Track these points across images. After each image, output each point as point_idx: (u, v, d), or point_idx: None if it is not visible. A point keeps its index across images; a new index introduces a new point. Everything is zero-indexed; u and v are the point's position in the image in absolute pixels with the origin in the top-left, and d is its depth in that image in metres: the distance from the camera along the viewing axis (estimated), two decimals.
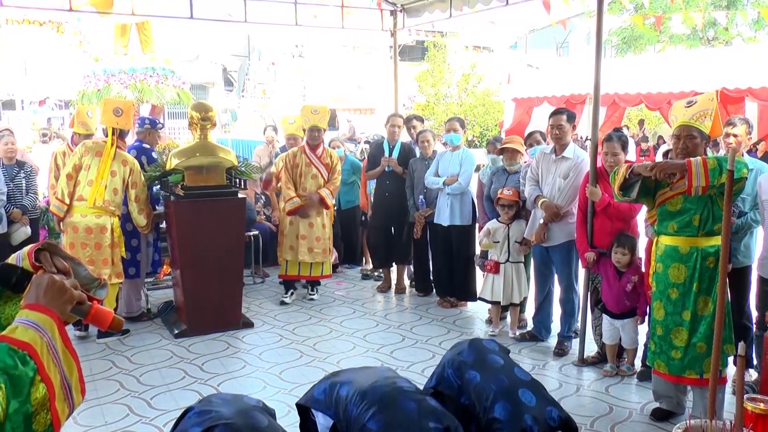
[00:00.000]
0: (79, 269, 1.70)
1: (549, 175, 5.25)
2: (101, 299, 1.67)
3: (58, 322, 1.42)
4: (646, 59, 15.69)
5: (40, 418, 1.32)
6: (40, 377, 1.32)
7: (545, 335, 5.58)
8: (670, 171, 3.62)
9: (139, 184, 5.71)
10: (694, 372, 3.77)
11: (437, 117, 23.39)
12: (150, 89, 10.02)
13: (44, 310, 1.40)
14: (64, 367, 1.40)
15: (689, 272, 3.74)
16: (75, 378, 1.43)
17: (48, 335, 1.38)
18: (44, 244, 1.65)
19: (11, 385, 1.25)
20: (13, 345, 1.31)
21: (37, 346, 1.33)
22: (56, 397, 1.35)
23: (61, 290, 1.46)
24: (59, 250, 1.66)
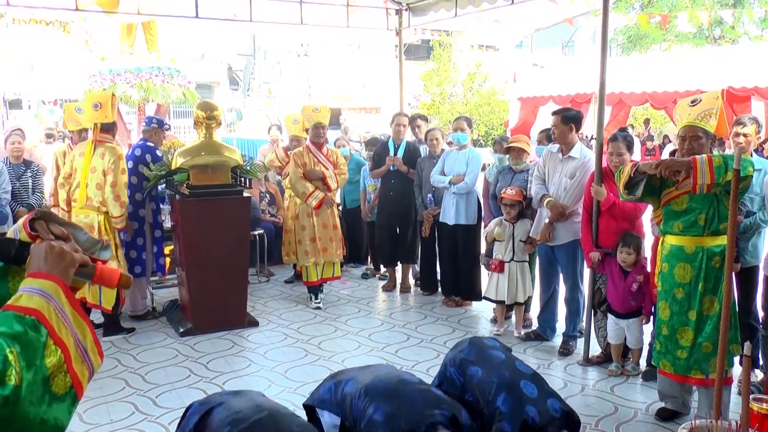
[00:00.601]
0: (78, 234, 1.68)
1: (555, 175, 5.24)
2: (106, 260, 1.66)
3: (63, 286, 1.41)
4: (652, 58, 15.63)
5: (59, 380, 1.32)
6: (53, 341, 1.32)
7: (550, 335, 5.57)
8: (675, 168, 3.60)
9: (116, 170, 5.54)
10: (699, 372, 3.76)
11: (442, 116, 23.38)
12: (155, 88, 10.05)
13: (47, 276, 1.40)
14: (76, 330, 1.39)
15: (695, 272, 3.73)
16: (90, 340, 1.43)
17: (54, 300, 1.37)
18: (38, 212, 1.63)
19: (23, 350, 1.25)
20: (19, 312, 1.30)
21: (44, 311, 1.33)
22: (72, 360, 1.35)
23: (60, 255, 1.45)
24: (55, 217, 1.65)
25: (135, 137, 10.33)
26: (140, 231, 6.04)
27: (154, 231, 6.20)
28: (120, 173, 5.55)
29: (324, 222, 6.56)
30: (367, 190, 7.55)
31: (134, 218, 5.98)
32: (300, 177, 6.43)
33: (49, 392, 1.29)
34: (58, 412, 1.31)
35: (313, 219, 6.51)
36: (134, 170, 6.00)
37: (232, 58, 31.06)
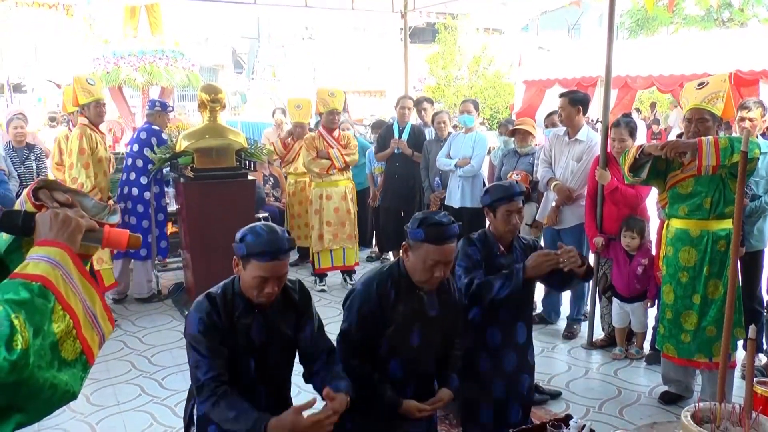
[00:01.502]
0: (84, 200, 1.69)
1: (562, 158, 5.23)
2: (114, 224, 1.66)
3: (70, 252, 1.41)
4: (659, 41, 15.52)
5: (67, 345, 1.32)
6: (61, 306, 1.33)
7: (554, 318, 5.58)
8: (681, 150, 3.58)
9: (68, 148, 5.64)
10: (703, 355, 3.76)
11: (447, 99, 23.27)
12: (159, 72, 10.01)
13: (53, 243, 1.40)
14: (85, 297, 1.40)
15: (700, 256, 3.72)
16: (99, 306, 1.43)
17: (62, 266, 1.37)
18: (41, 181, 1.63)
19: (30, 316, 1.26)
20: (25, 279, 1.31)
21: (50, 277, 1.33)
22: (82, 325, 1.36)
23: (65, 222, 1.45)
24: (58, 185, 1.65)
25: (139, 120, 10.31)
26: (145, 214, 6.05)
27: (157, 214, 6.21)
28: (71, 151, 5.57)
29: (336, 206, 6.55)
30: (374, 173, 7.53)
31: (139, 201, 5.99)
32: (313, 159, 6.44)
33: (59, 358, 1.30)
34: (68, 377, 1.32)
35: (324, 202, 6.51)
36: (139, 153, 6.00)
37: (236, 41, 30.98)
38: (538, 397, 4.09)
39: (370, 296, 2.76)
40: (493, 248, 3.33)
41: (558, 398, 4.17)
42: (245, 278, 2.44)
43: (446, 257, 2.70)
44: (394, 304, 2.76)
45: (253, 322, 2.50)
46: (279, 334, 2.57)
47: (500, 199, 3.26)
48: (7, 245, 1.56)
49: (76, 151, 5.51)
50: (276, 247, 2.39)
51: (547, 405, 4.07)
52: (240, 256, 2.43)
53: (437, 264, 2.68)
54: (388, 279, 2.80)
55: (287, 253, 2.44)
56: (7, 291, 1.28)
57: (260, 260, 2.37)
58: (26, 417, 1.28)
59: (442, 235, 2.68)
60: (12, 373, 1.19)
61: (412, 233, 2.72)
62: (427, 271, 2.70)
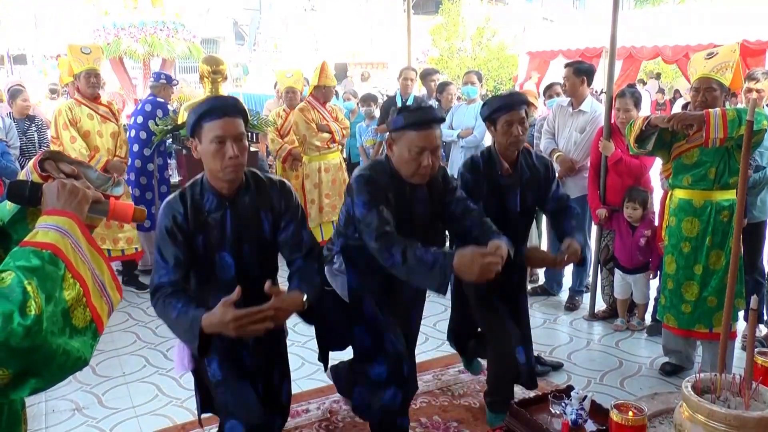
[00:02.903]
0: (88, 172, 1.71)
1: (565, 129, 5.20)
2: (119, 196, 1.68)
3: (78, 222, 1.44)
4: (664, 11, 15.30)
5: (78, 313, 1.34)
6: (71, 274, 1.34)
7: (557, 290, 5.60)
8: (688, 122, 3.55)
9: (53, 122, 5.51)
10: (703, 326, 3.77)
11: (450, 71, 23.08)
12: (160, 43, 9.95)
13: (61, 213, 1.42)
14: (93, 265, 1.42)
15: (702, 226, 3.71)
16: (107, 276, 1.45)
17: (70, 235, 1.39)
18: (46, 152, 1.65)
19: (41, 282, 1.28)
20: (35, 247, 1.33)
21: (60, 245, 1.35)
22: (91, 294, 1.38)
23: (72, 192, 1.47)
24: (64, 156, 1.67)
25: (140, 92, 10.26)
26: (149, 185, 6.04)
27: (160, 186, 6.20)
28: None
29: (333, 178, 6.54)
30: (365, 146, 7.45)
31: (143, 173, 5.98)
32: (315, 132, 6.37)
33: (70, 325, 1.32)
34: (79, 344, 1.34)
35: (323, 175, 6.49)
36: (143, 125, 5.97)
37: (238, 12, 30.68)
38: (539, 368, 4.11)
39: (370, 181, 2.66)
40: (496, 167, 3.21)
41: (559, 370, 4.20)
42: (205, 150, 2.35)
43: (431, 143, 2.60)
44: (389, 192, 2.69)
45: (225, 216, 2.44)
46: (255, 229, 2.50)
47: (499, 109, 3.12)
48: (11, 215, 1.58)
49: (60, 127, 5.38)
50: (224, 103, 2.38)
51: (548, 376, 4.10)
52: (192, 130, 2.38)
53: (422, 151, 2.59)
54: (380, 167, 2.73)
55: (238, 113, 2.38)
56: (18, 258, 1.30)
57: (211, 119, 2.32)
58: (41, 382, 1.30)
59: (424, 119, 2.60)
60: (26, 338, 1.21)
61: (393, 122, 2.63)
62: (413, 160, 2.61)
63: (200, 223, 2.42)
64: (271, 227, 2.54)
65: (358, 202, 2.65)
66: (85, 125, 5.43)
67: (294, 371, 4.11)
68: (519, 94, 3.21)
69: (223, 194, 2.44)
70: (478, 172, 3.21)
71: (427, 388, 3.92)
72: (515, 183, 3.24)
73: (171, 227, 2.39)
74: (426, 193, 2.81)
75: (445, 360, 4.31)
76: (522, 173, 3.27)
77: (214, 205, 2.44)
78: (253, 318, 2.18)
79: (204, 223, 2.42)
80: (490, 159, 3.24)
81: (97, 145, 5.46)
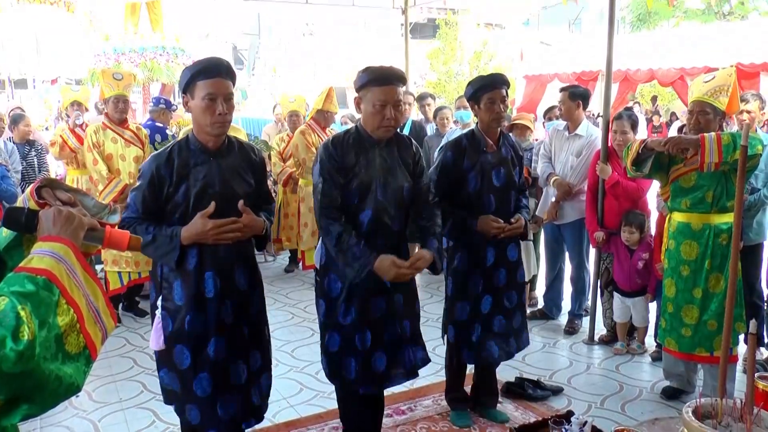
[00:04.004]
0: (85, 199, 1.73)
1: (562, 153, 5.22)
2: (114, 224, 1.69)
3: (74, 249, 1.44)
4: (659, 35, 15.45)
5: (72, 339, 1.34)
6: (65, 300, 1.35)
7: (556, 313, 5.58)
8: (684, 146, 3.57)
9: None
10: (704, 349, 3.76)
11: (448, 95, 23.23)
12: (160, 68, 10.01)
13: (57, 239, 1.43)
14: (88, 292, 1.42)
15: (701, 249, 3.71)
16: (102, 302, 1.45)
17: (65, 261, 1.40)
18: (44, 180, 1.67)
19: (35, 308, 1.28)
20: (30, 273, 1.33)
21: (55, 271, 1.36)
22: (85, 320, 1.38)
23: (68, 218, 1.48)
24: (61, 184, 1.69)
25: (140, 116, 10.31)
26: None
27: None
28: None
29: None
30: None
31: None
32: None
33: (63, 350, 1.32)
34: (72, 370, 1.34)
35: None
36: None
37: (237, 37, 30.91)
38: (539, 393, 4.09)
39: (328, 153, 2.91)
40: (481, 145, 3.48)
41: (559, 394, 4.17)
42: (196, 105, 2.59)
43: (392, 97, 2.86)
44: (356, 157, 2.92)
45: (210, 168, 2.67)
46: (238, 180, 2.75)
47: (482, 87, 3.43)
48: (7, 242, 1.58)
49: (85, 149, 5.55)
50: (217, 64, 2.61)
51: (548, 401, 4.07)
52: (185, 86, 2.60)
53: (385, 105, 2.85)
54: (344, 136, 2.97)
55: (229, 75, 2.63)
56: (13, 284, 1.30)
57: (205, 78, 2.55)
58: (34, 408, 1.30)
59: (384, 75, 2.88)
60: (18, 364, 1.21)
61: (358, 80, 2.91)
62: (377, 114, 2.87)
63: (185, 174, 2.64)
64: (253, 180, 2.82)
65: (315, 172, 2.95)
66: (108, 148, 5.52)
67: (292, 396, 4.10)
68: (500, 75, 3.53)
69: (208, 148, 2.68)
70: (461, 149, 3.48)
71: (426, 413, 3.88)
72: (498, 160, 3.51)
73: (152, 175, 2.61)
74: (396, 160, 3.03)
75: (444, 385, 4.27)
76: (505, 150, 3.56)
77: (200, 158, 2.67)
78: (228, 227, 2.60)
79: (188, 174, 2.64)
80: (474, 138, 3.51)
81: (119, 168, 5.53)
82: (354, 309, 2.98)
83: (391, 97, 2.85)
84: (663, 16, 25.94)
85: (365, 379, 3.02)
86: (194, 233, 2.57)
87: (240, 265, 2.77)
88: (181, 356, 2.69)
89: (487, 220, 3.44)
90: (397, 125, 2.96)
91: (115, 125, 5.56)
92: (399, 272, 2.86)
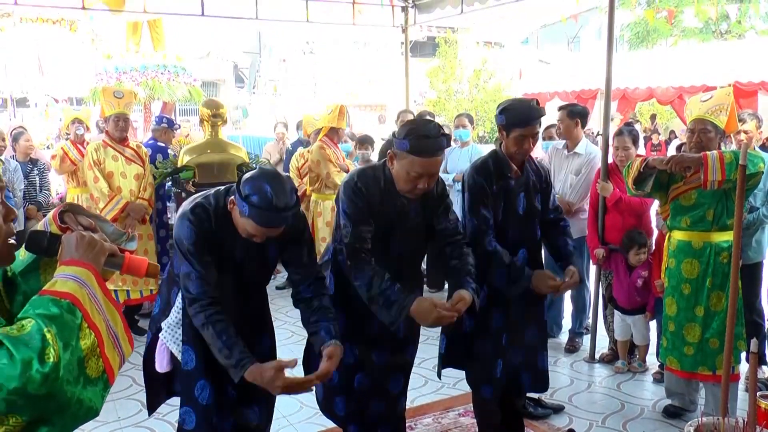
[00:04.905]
0: (105, 226, 1.76)
1: (561, 171, 5.23)
2: (133, 251, 1.71)
3: (95, 273, 1.46)
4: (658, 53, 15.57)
5: (92, 363, 1.36)
6: (87, 324, 1.36)
7: (556, 332, 5.56)
8: (686, 164, 3.57)
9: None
10: (706, 368, 3.74)
11: (448, 113, 23.34)
12: (161, 86, 10.08)
13: (80, 264, 1.45)
14: (108, 317, 1.44)
15: (702, 267, 3.71)
16: (120, 328, 1.47)
17: (88, 286, 1.42)
18: (66, 205, 1.71)
19: (60, 330, 1.30)
20: (54, 296, 1.35)
21: (78, 295, 1.38)
22: (105, 345, 1.40)
23: (91, 243, 1.51)
24: (82, 210, 1.73)
25: (141, 135, 10.36)
26: (162, 222, 6.08)
27: (159, 230, 6.21)
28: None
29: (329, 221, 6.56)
30: None
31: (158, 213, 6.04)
32: (338, 171, 6.38)
33: (84, 374, 1.33)
34: (91, 394, 1.35)
35: (332, 213, 6.50)
36: None
37: (237, 55, 31.12)
38: (540, 411, 4.07)
39: (358, 191, 2.73)
40: (504, 170, 3.23)
41: (561, 412, 4.15)
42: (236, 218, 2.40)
43: (431, 170, 2.67)
44: (380, 201, 2.75)
45: (236, 242, 2.50)
46: (261, 255, 2.60)
47: (516, 123, 3.12)
48: (25, 266, 1.61)
49: (86, 167, 5.56)
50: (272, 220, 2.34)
51: (549, 419, 4.05)
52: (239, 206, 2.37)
53: (421, 177, 2.65)
54: (370, 177, 2.77)
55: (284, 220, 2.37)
56: (38, 306, 1.33)
57: (255, 222, 2.33)
58: (53, 431, 1.31)
59: (428, 149, 2.62)
60: (44, 385, 1.23)
61: (398, 144, 2.66)
62: (410, 182, 2.67)
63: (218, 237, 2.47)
64: (278, 251, 2.64)
65: (342, 210, 2.75)
66: (109, 166, 5.52)
67: (292, 415, 4.08)
68: (537, 109, 3.18)
69: None
70: (489, 174, 3.21)
71: (426, 431, 3.87)
72: (521, 185, 3.28)
73: (200, 235, 2.42)
74: (419, 206, 2.87)
75: (445, 403, 4.26)
76: (528, 176, 3.31)
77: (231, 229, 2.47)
78: (300, 387, 2.39)
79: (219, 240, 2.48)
80: (497, 161, 3.25)
81: (120, 186, 5.52)
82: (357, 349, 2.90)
83: (431, 169, 2.66)
84: (661, 34, 26.12)
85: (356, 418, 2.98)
86: (258, 380, 2.32)
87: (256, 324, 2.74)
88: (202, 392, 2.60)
89: (543, 278, 3.12)
90: (429, 190, 2.77)
91: (116, 143, 5.58)
92: (440, 315, 2.61)
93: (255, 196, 2.29)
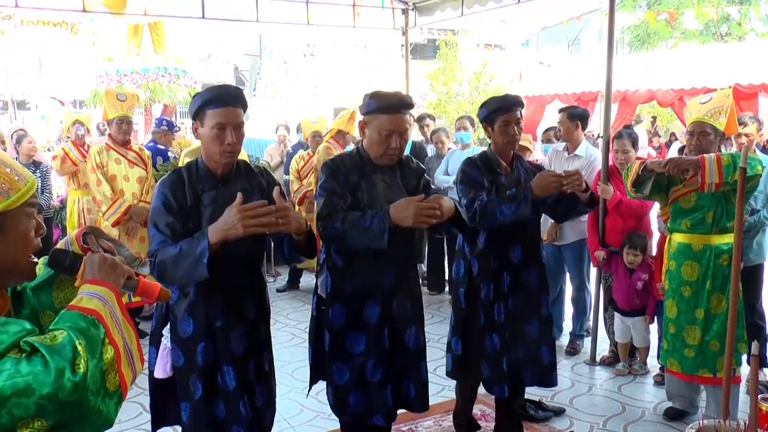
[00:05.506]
0: (121, 250, 1.85)
1: None
2: (145, 275, 1.79)
3: (116, 293, 1.55)
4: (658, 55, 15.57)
5: (111, 377, 1.43)
6: (108, 340, 1.44)
7: (557, 334, 5.55)
8: (684, 167, 3.58)
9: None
10: (707, 370, 3.74)
11: (448, 115, 23.33)
12: (162, 89, 10.08)
13: (102, 283, 1.54)
14: (125, 335, 1.52)
15: (702, 270, 3.71)
16: (135, 346, 1.54)
17: (110, 304, 1.51)
18: (88, 228, 1.82)
19: (87, 343, 1.38)
20: (82, 312, 1.44)
21: (102, 312, 1.46)
22: (122, 362, 1.47)
23: (112, 266, 1.60)
24: (102, 233, 1.83)
25: (141, 137, 10.36)
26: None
27: None
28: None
29: None
30: None
31: None
32: None
33: (104, 387, 1.41)
34: (109, 407, 1.43)
35: None
36: None
37: (238, 58, 31.13)
38: (541, 413, 4.07)
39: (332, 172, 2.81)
40: (494, 166, 3.35)
41: (561, 415, 4.15)
42: (205, 133, 2.51)
43: (400, 126, 2.79)
44: (358, 181, 2.83)
45: (218, 195, 2.57)
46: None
47: (497, 110, 3.29)
48: (39, 281, 1.69)
49: (89, 170, 5.58)
50: (227, 93, 2.53)
51: (550, 422, 4.04)
52: (195, 113, 2.52)
53: (391, 134, 2.77)
54: (346, 158, 2.89)
55: (240, 103, 2.54)
56: (67, 320, 1.42)
57: (215, 107, 2.47)
58: None
59: (394, 104, 2.78)
60: (73, 393, 1.31)
61: (366, 106, 2.81)
62: (382, 142, 2.78)
63: (195, 199, 2.55)
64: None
65: (318, 187, 2.87)
66: (112, 169, 5.52)
67: (293, 417, 4.09)
68: (514, 96, 3.40)
69: (216, 175, 2.61)
70: (478, 168, 3.35)
71: None
72: (512, 182, 3.37)
73: (168, 200, 2.51)
74: (398, 177, 2.95)
75: (446, 405, 4.25)
76: (519, 172, 3.42)
77: (209, 184, 2.59)
78: (257, 211, 2.27)
79: (198, 201, 2.56)
80: (488, 159, 3.39)
81: (123, 189, 5.54)
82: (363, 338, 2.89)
83: (399, 126, 2.77)
84: (662, 36, 26.13)
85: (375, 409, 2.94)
86: (220, 226, 2.28)
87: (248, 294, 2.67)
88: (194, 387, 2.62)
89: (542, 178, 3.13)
90: (402, 153, 2.88)
91: (119, 146, 5.59)
92: (418, 205, 2.59)
93: (205, 92, 2.53)
